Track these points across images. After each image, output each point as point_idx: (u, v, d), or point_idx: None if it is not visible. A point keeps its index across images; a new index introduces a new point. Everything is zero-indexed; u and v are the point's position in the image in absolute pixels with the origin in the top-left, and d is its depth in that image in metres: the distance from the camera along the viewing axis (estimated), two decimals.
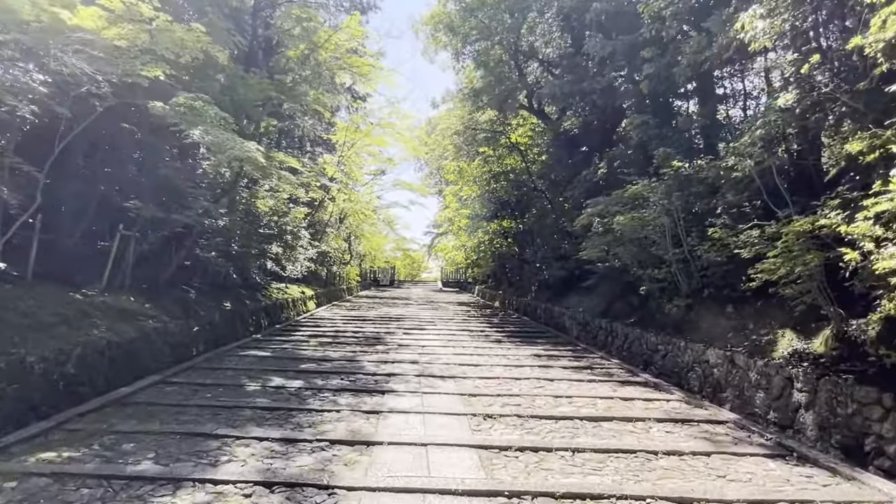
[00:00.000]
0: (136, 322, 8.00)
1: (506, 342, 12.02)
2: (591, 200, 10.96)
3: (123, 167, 9.01)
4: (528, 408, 6.31)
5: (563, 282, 16.86)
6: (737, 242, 6.83)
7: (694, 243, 8.72)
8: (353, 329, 13.67)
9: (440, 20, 19.97)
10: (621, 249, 10.55)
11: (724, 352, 7.21)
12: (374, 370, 8.30)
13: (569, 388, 7.46)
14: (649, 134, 11.16)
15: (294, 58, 11.15)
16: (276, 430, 5.18)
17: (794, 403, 5.81)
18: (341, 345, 10.90)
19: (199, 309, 10.33)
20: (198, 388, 6.77)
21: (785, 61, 6.13)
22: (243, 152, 6.76)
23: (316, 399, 6.45)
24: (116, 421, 5.30)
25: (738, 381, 6.81)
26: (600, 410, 6.32)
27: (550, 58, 19.75)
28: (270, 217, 13.91)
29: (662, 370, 8.68)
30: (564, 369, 8.88)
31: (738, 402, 6.71)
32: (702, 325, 8.53)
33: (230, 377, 7.50)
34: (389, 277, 52.33)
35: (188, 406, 5.91)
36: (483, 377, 8.01)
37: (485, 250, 25.27)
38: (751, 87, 13.13)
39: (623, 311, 11.85)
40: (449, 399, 6.63)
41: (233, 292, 13.07)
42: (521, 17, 18.51)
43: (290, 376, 7.68)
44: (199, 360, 8.68)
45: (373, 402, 6.41)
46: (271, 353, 9.66)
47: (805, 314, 6.45)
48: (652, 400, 6.96)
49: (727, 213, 8.16)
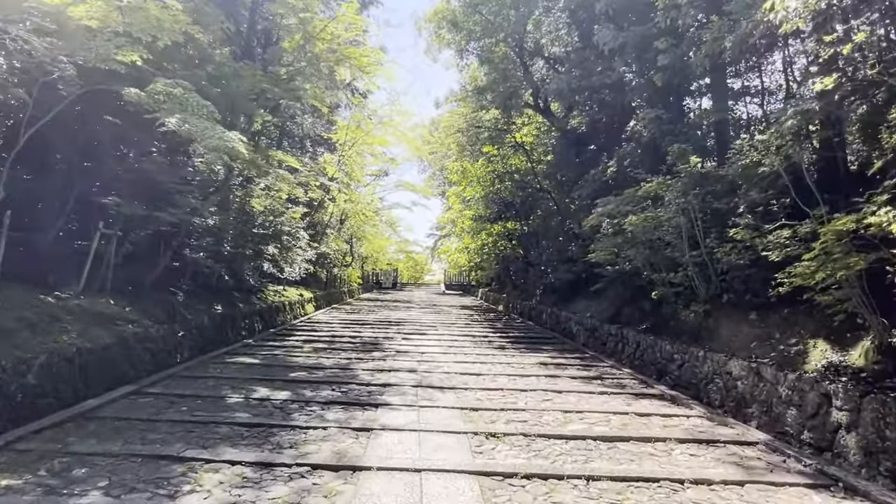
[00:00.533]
0: (113, 327, 7.46)
1: (510, 349, 11.43)
2: (601, 200, 10.37)
3: (104, 162, 8.47)
4: (535, 425, 5.72)
5: (569, 285, 16.25)
6: (765, 244, 6.22)
7: (713, 245, 8.11)
8: (351, 334, 13.10)
9: (444, 16, 19.45)
10: (633, 251, 9.95)
11: (749, 363, 6.60)
12: (369, 380, 7.73)
13: (579, 402, 6.86)
14: (662, 129, 10.56)
15: (289, 49, 10.62)
16: (253, 451, 4.60)
17: (832, 423, 5.19)
18: (336, 351, 10.33)
19: (186, 312, 9.79)
20: (174, 400, 6.21)
21: (822, 43, 5.53)
22: (223, 142, 6.21)
23: (302, 413, 5.88)
24: (75, 440, 4.74)
25: (766, 395, 6.20)
26: (615, 428, 5.72)
27: (557, 55, 19.20)
28: (266, 217, 13.36)
29: (679, 381, 8.07)
30: (573, 380, 8.28)
31: (766, 420, 6.09)
32: (721, 333, 7.92)
33: (212, 387, 6.94)
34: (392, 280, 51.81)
35: (159, 421, 5.35)
36: (486, 388, 7.42)
37: (488, 252, 24.67)
38: (768, 83, 12.52)
39: (634, 316, 11.24)
40: (448, 414, 6.05)
41: (225, 295, 12.53)
42: (526, 12, 17.96)
43: (278, 386, 7.11)
44: (182, 367, 8.13)
45: (364, 417, 5.83)
46: (261, 359, 9.10)
47: (838, 323, 5.85)
48: (670, 416, 6.35)
49: (750, 213, 7.54)
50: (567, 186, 17.17)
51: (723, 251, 7.74)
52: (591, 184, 14.00)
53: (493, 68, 18.34)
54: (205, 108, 6.48)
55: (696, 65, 8.81)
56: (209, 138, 6.14)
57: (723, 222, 8.78)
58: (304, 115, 20.59)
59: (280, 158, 16.52)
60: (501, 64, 18.45)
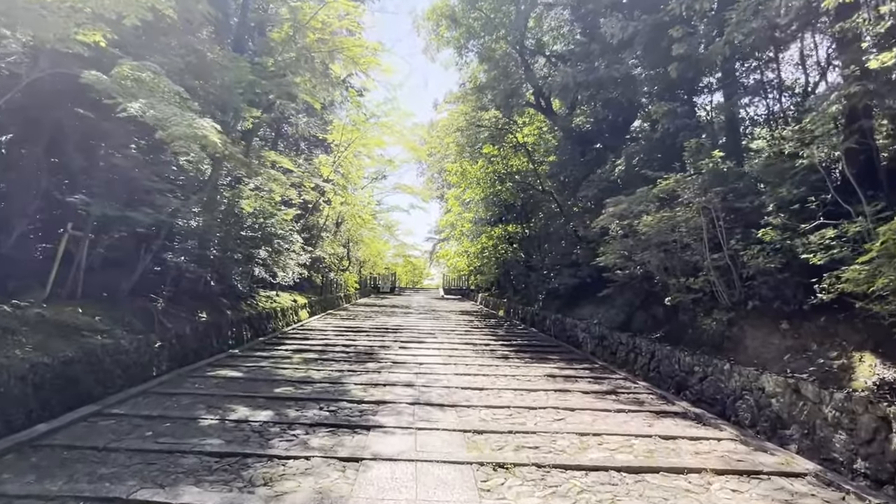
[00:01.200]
0: (78, 338, 6.74)
1: (514, 358, 10.71)
2: (611, 200, 9.68)
3: (73, 158, 7.77)
4: (548, 452, 5.01)
5: (574, 290, 15.57)
6: (807, 245, 5.54)
7: (737, 247, 7.43)
8: (345, 342, 12.38)
9: (442, 13, 18.84)
10: (646, 254, 9.28)
11: (786, 378, 5.90)
12: (361, 396, 7.01)
13: (594, 422, 6.16)
14: (677, 124, 9.90)
15: (278, 41, 9.95)
16: (218, 490, 3.89)
17: (893, 452, 4.49)
18: (328, 362, 9.61)
19: (166, 321, 9.07)
20: (139, 423, 5.49)
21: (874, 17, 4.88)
22: (193, 130, 5.51)
23: (283, 439, 5.16)
24: (10, 476, 4.02)
25: (807, 416, 5.50)
26: (640, 456, 5.01)
27: (559, 53, 18.58)
28: (256, 219, 12.65)
29: (701, 396, 7.37)
30: (585, 394, 7.58)
31: (808, 444, 5.39)
32: (747, 344, 7.23)
33: (185, 406, 6.22)
34: (390, 284, 51.11)
35: (116, 451, 4.63)
36: (490, 406, 6.71)
37: (488, 256, 23.97)
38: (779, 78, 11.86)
39: (646, 324, 10.56)
40: (449, 438, 5.34)
41: (211, 301, 11.81)
42: (527, 8, 17.34)
43: (259, 404, 6.39)
44: (157, 382, 7.40)
45: (354, 443, 5.12)
46: (245, 372, 8.38)
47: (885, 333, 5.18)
48: (699, 439, 5.64)
49: (780, 211, 6.87)
50: (571, 187, 16.50)
51: (749, 254, 7.06)
52: (598, 184, 13.35)
53: (494, 66, 17.70)
54: (177, 94, 5.80)
55: (715, 53, 8.15)
56: (176, 125, 5.43)
57: (745, 223, 8.14)
58: (299, 115, 19.96)
59: (274, 159, 15.89)
60: (502, 61, 17.82)
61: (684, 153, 9.00)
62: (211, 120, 6.05)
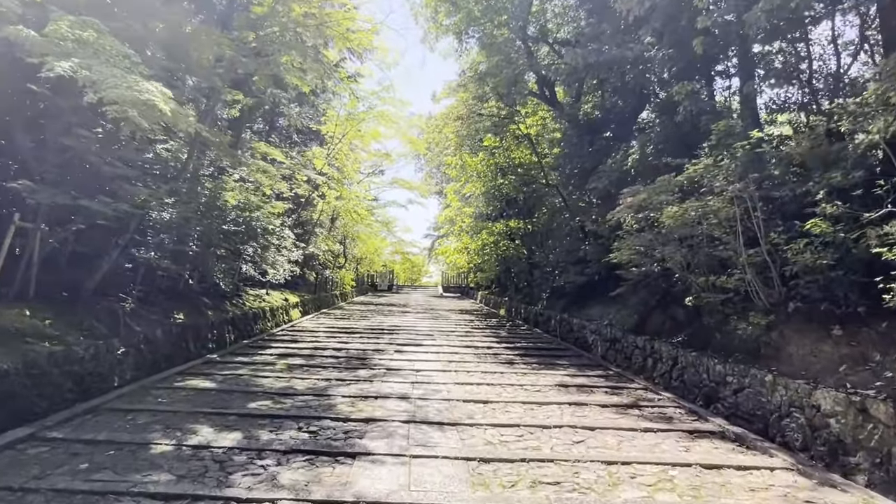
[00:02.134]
0: (19, 346, 5.81)
1: (519, 364, 9.80)
2: (629, 189, 8.77)
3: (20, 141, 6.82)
4: (571, 490, 4.09)
5: (581, 289, 14.67)
6: (882, 237, 4.62)
7: (778, 241, 6.51)
8: (336, 345, 11.46)
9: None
10: (667, 250, 8.36)
11: (847, 395, 4.99)
12: (348, 412, 6.09)
13: (620, 445, 5.24)
14: (700, 106, 8.97)
15: (261, 14, 8.99)
16: None
17: None
18: (315, 369, 8.69)
19: (134, 323, 8.15)
20: (78, 451, 4.55)
21: None
22: (133, 93, 4.54)
23: (247, 472, 4.23)
24: None
25: (879, 442, 4.58)
26: (686, 495, 4.09)
27: (564, 39, 17.61)
28: (241, 212, 11.69)
29: (736, 411, 6.45)
30: (604, 409, 6.66)
31: (882, 476, 4.48)
32: (791, 352, 6.31)
33: (139, 427, 5.29)
34: (388, 282, 50.28)
35: (35, 492, 3.70)
36: (497, 424, 5.79)
37: (489, 253, 23.01)
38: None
39: (663, 326, 9.65)
40: (451, 470, 4.42)
41: (191, 301, 10.89)
42: None
43: (228, 424, 5.47)
44: (116, 395, 6.47)
45: (334, 478, 4.19)
46: (219, 382, 7.45)
47: None
48: (749, 468, 4.73)
49: (831, 199, 5.94)
50: (578, 180, 15.57)
51: (795, 248, 6.14)
52: (608, 174, 12.41)
53: (496, 50, 16.71)
54: (126, 58, 4.86)
55: (751, 23, 7.21)
56: (113, 87, 4.48)
57: (783, 214, 7.23)
58: (291, 105, 18.99)
59: (265, 151, 14.94)
60: (504, 45, 16.84)
61: (711, 137, 8.08)
62: (161, 86, 5.09)
